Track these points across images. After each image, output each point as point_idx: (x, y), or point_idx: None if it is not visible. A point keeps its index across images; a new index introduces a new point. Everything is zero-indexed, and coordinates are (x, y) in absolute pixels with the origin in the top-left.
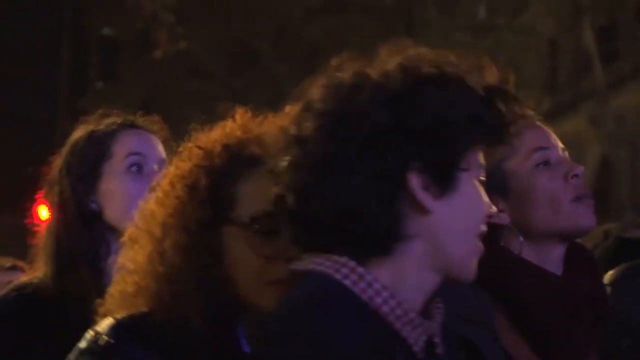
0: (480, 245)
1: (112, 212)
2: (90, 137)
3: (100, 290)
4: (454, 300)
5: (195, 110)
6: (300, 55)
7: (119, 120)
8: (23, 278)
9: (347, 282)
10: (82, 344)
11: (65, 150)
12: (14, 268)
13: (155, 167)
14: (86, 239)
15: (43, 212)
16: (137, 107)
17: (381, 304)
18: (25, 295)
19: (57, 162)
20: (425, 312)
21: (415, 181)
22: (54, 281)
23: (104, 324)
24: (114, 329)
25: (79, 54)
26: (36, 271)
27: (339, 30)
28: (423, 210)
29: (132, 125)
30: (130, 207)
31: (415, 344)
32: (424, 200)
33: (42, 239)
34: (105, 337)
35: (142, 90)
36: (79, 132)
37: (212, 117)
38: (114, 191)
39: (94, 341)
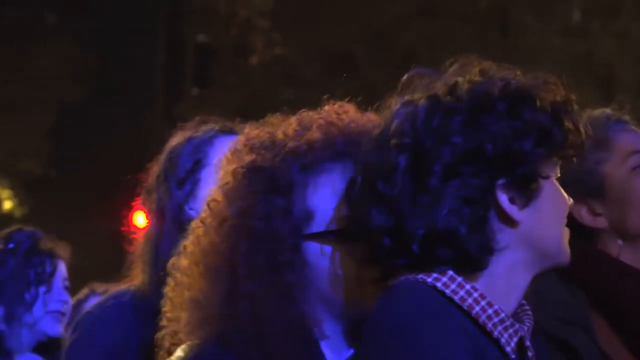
0: (567, 229)
1: None
2: (188, 143)
3: None
4: (549, 302)
5: (291, 116)
6: (396, 61)
7: (217, 127)
8: (121, 286)
9: (438, 284)
10: None
11: (162, 156)
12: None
13: None
14: None
15: (140, 219)
16: (232, 113)
17: (473, 305)
18: (121, 304)
19: (155, 168)
20: (514, 316)
21: (502, 198)
22: (150, 289)
23: (177, 354)
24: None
25: (175, 60)
26: (133, 279)
27: (434, 35)
28: (512, 222)
29: (231, 132)
30: None
31: (507, 345)
32: (513, 214)
33: (139, 246)
34: None
35: (238, 97)
36: (176, 139)
37: None
38: None
39: None
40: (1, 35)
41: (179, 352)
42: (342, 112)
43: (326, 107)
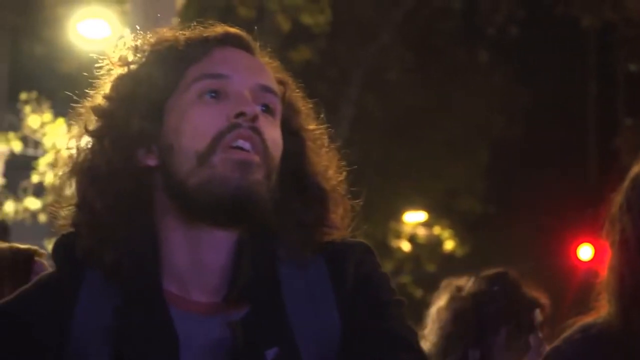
0: None
1: None
2: None
3: None
4: None
5: None
6: None
7: None
8: (587, 319)
9: None
10: None
11: (625, 185)
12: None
13: None
14: None
15: (583, 252)
16: None
17: None
18: (590, 337)
19: (617, 198)
20: None
21: None
22: (619, 320)
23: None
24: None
25: (607, 91)
26: (599, 311)
27: None
28: None
29: None
30: None
31: None
32: None
33: (603, 277)
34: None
35: None
36: (638, 167)
37: None
38: None
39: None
40: (436, 75)
41: None
42: None
43: None
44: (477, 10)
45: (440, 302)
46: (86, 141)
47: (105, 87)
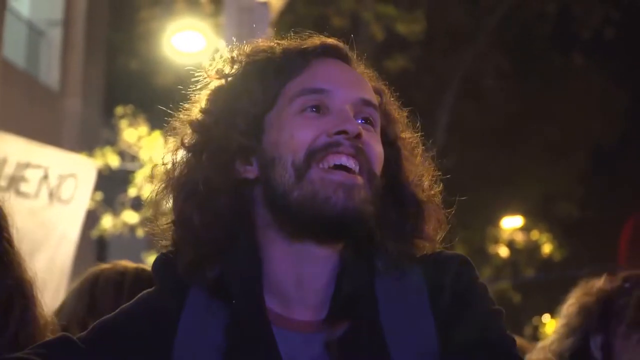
0: None
1: None
2: None
3: None
4: None
5: None
6: None
7: None
8: None
9: None
10: None
11: None
12: None
13: None
14: None
15: None
16: None
17: None
18: None
19: None
20: None
21: None
22: None
23: None
24: None
25: None
26: None
27: None
28: None
29: None
30: None
31: None
32: None
33: None
34: None
35: None
36: None
37: None
38: None
39: None
40: (532, 80)
41: None
42: None
43: None
44: (572, 14)
45: (570, 299)
46: (182, 155)
47: (202, 100)
